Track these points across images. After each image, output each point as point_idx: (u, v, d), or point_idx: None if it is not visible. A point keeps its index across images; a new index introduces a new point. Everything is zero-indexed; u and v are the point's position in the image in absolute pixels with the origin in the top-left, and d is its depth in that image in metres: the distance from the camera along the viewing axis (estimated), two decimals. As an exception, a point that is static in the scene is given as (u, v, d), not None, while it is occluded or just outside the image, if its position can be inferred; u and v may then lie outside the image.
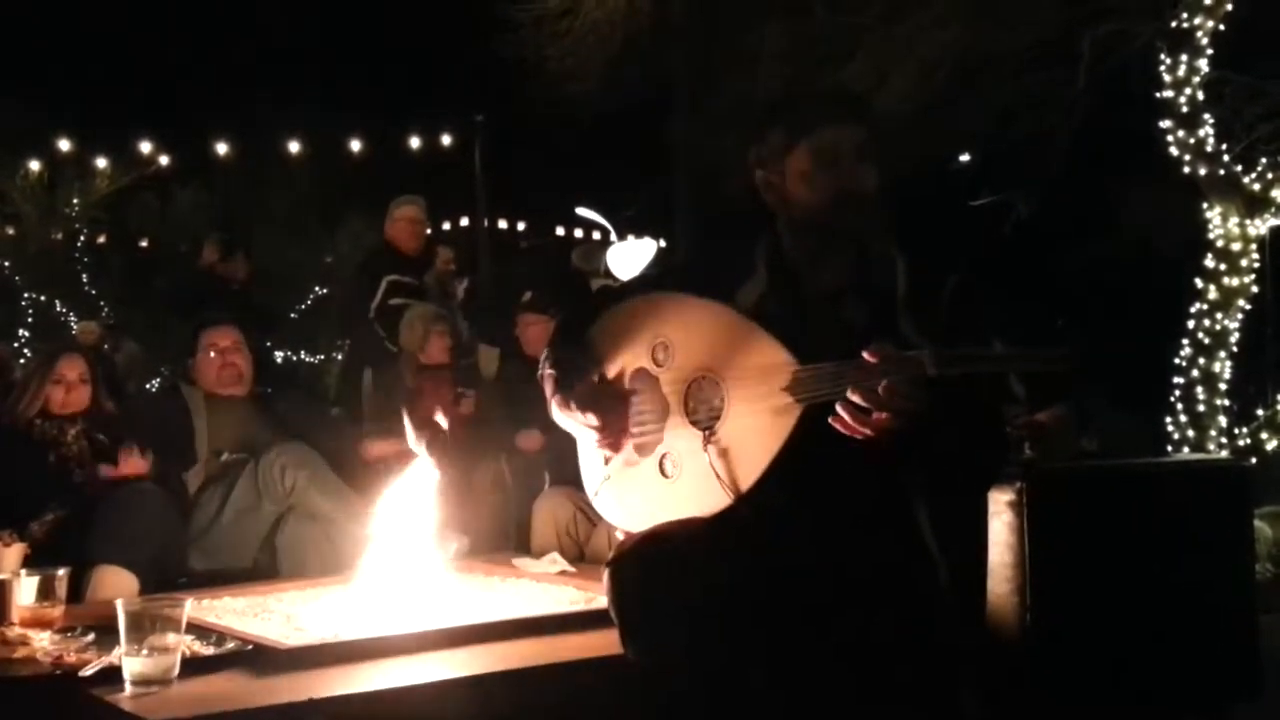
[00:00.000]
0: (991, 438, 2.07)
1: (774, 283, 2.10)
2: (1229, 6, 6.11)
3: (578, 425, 2.14)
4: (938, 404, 1.80)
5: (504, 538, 4.64)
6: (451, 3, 10.07)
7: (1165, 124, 6.29)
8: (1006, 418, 2.13)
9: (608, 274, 7.14)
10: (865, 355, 1.79)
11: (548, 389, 2.18)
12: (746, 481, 1.96)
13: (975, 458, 2.02)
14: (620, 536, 2.17)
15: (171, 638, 2.00)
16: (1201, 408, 6.15)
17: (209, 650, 2.18)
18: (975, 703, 1.98)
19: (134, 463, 3.58)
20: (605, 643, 2.10)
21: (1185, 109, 6.22)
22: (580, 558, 3.50)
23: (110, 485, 3.53)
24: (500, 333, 6.11)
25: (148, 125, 12.24)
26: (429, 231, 6.41)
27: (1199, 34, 6.14)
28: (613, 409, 2.12)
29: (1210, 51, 6.18)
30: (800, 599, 1.92)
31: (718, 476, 1.99)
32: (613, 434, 2.13)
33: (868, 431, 1.82)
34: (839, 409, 1.82)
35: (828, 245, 2.10)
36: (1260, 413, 6.35)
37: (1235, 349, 6.22)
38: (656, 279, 2.49)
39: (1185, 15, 6.14)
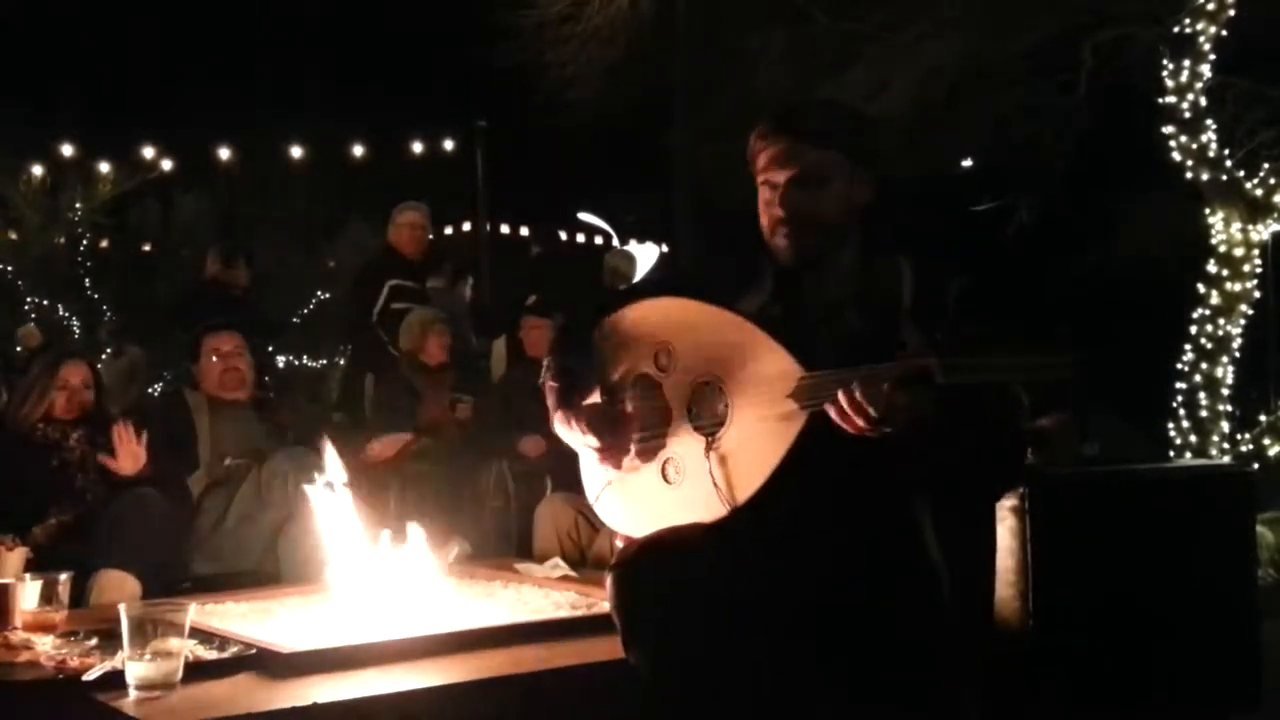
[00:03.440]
0: (1004, 452, 2.06)
1: (778, 291, 2.10)
2: (1231, 12, 6.12)
3: (580, 443, 2.14)
4: (949, 414, 1.79)
5: (506, 542, 4.64)
6: (453, 8, 10.09)
7: (1167, 129, 6.30)
8: (1021, 428, 2.10)
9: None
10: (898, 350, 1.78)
11: (550, 400, 2.18)
12: (749, 487, 1.96)
13: (986, 472, 2.02)
14: (621, 543, 2.18)
15: (174, 642, 2.00)
16: (1204, 413, 6.15)
17: (212, 655, 2.18)
18: (977, 710, 1.98)
19: (130, 446, 3.53)
20: (607, 648, 2.09)
21: (1187, 114, 6.23)
22: (582, 562, 3.50)
23: (112, 489, 3.52)
24: (508, 334, 6.14)
25: (150, 130, 12.26)
26: (431, 237, 6.43)
27: (1201, 39, 6.15)
28: (616, 430, 2.12)
29: (1212, 57, 6.19)
30: (803, 606, 1.92)
31: (715, 485, 1.99)
32: (614, 454, 2.14)
33: (861, 424, 1.81)
34: (840, 397, 1.81)
35: (828, 253, 2.09)
36: (1263, 418, 6.35)
37: (1238, 354, 6.22)
38: (659, 284, 2.49)
39: (1187, 21, 6.15)
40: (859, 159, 2.07)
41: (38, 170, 11.90)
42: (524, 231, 15.14)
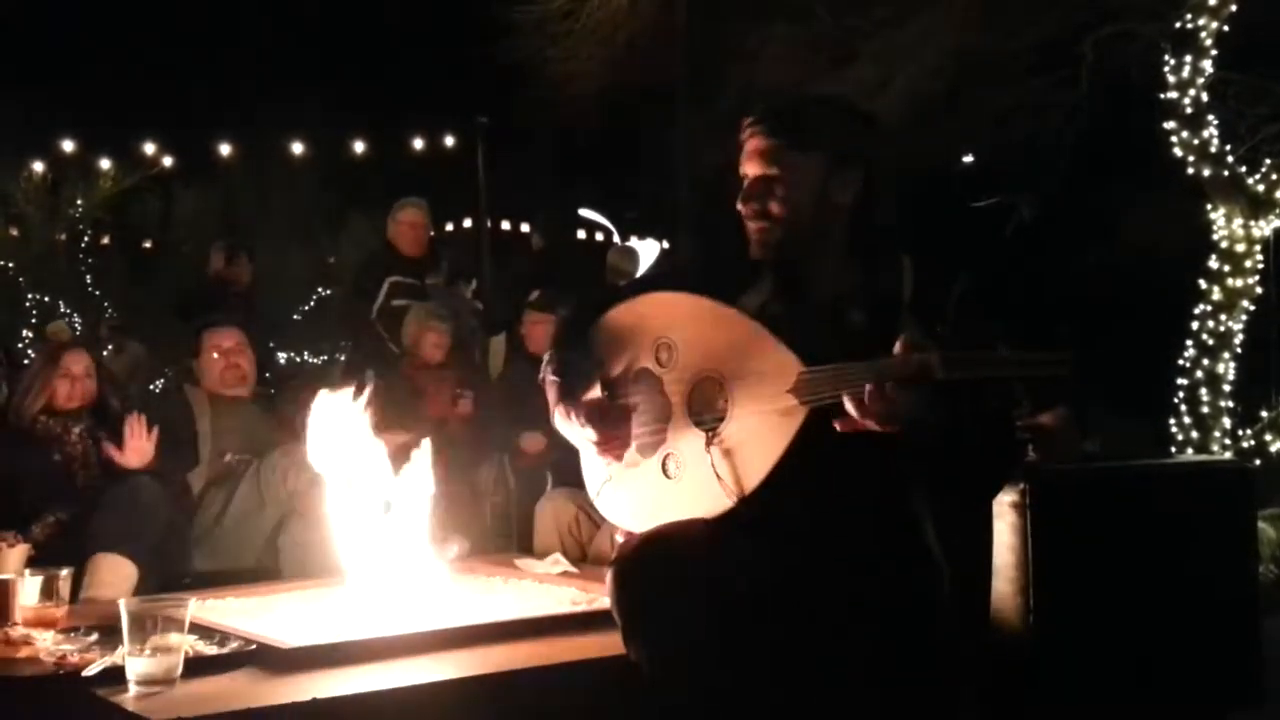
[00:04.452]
0: (1003, 447, 2.06)
1: (778, 288, 2.10)
2: (1233, 7, 6.11)
3: (579, 437, 2.14)
4: (946, 409, 1.79)
5: (506, 538, 4.64)
6: (454, 4, 10.09)
7: (1169, 125, 6.29)
8: (1015, 424, 2.11)
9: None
10: (898, 345, 1.78)
11: (550, 395, 2.18)
12: (750, 483, 1.96)
13: (987, 467, 2.01)
14: (621, 538, 2.17)
15: (174, 638, 2.00)
16: (1205, 409, 6.15)
17: (212, 650, 2.18)
18: (975, 707, 1.98)
19: (139, 442, 3.54)
20: (608, 643, 2.09)
21: (1189, 110, 6.22)
22: (583, 558, 3.50)
23: (111, 478, 3.52)
24: (508, 331, 6.13)
25: (151, 126, 12.25)
26: (432, 234, 6.42)
27: (1202, 35, 6.14)
28: (616, 424, 2.12)
29: (1214, 52, 6.18)
30: (803, 601, 1.92)
31: (719, 478, 1.98)
32: (613, 449, 2.14)
33: (869, 424, 1.80)
34: (846, 401, 1.81)
35: (800, 251, 2.09)
36: (1264, 414, 6.34)
37: (1239, 350, 6.22)
38: (660, 280, 2.48)
39: (1189, 16, 6.14)
40: (841, 161, 2.05)
41: (38, 166, 11.91)
42: (524, 228, 15.14)
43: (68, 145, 11.79)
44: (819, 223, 2.06)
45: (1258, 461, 5.80)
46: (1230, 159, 6.25)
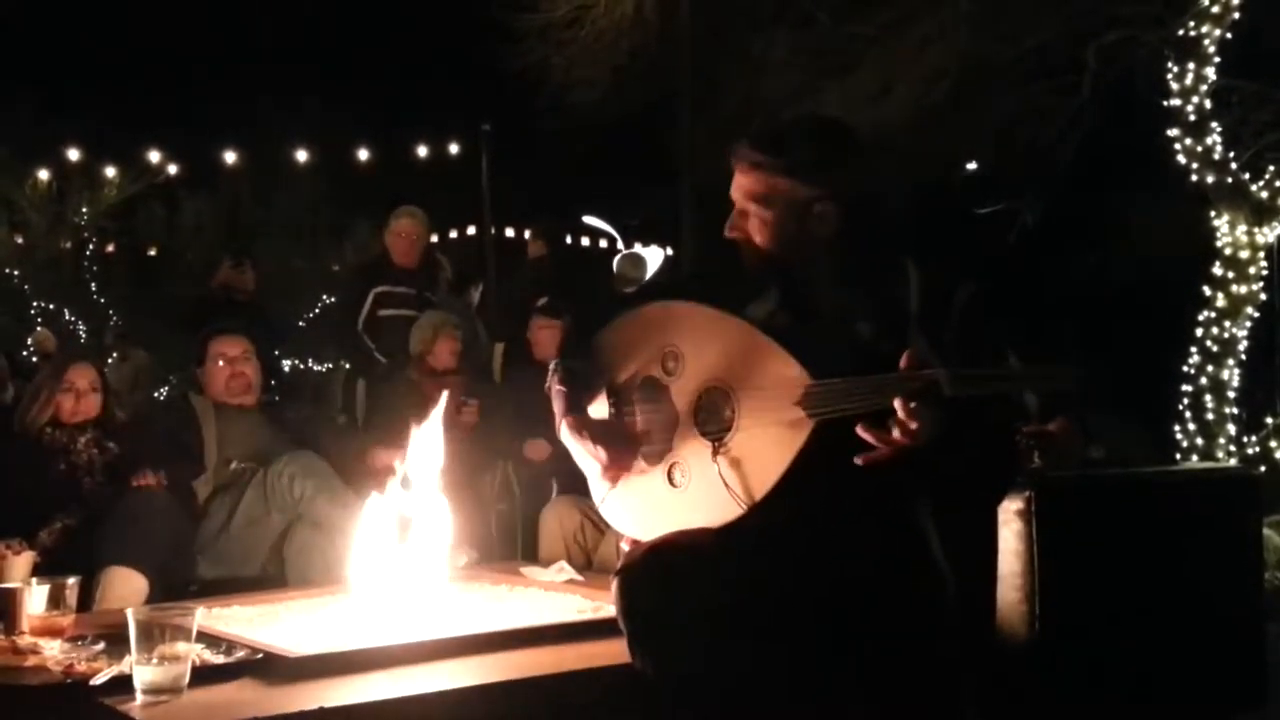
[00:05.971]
0: (1002, 455, 2.06)
1: (787, 298, 2.11)
2: (1235, 15, 6.12)
3: (586, 455, 2.15)
4: (951, 422, 1.79)
5: (511, 546, 4.64)
6: (458, 12, 10.11)
7: (1172, 132, 6.30)
8: (1015, 432, 2.12)
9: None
10: (904, 359, 1.79)
11: (557, 406, 2.18)
12: (756, 493, 1.96)
13: (986, 475, 2.02)
14: (626, 546, 2.18)
15: (182, 646, 2.00)
16: (1210, 416, 6.16)
17: (219, 659, 2.18)
18: (979, 715, 1.98)
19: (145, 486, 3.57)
20: (613, 652, 2.10)
21: (1192, 117, 6.23)
22: (588, 566, 3.50)
23: (118, 487, 3.53)
24: (510, 338, 6.12)
25: (156, 134, 12.29)
26: (434, 240, 6.38)
27: (1206, 42, 6.16)
28: (622, 449, 2.14)
29: (1217, 59, 6.20)
30: (808, 611, 1.92)
31: (728, 487, 1.99)
32: (616, 471, 2.15)
33: (888, 449, 1.81)
34: (862, 432, 1.82)
35: (784, 273, 2.10)
36: (1269, 421, 6.34)
37: (1244, 357, 6.22)
38: (667, 288, 2.49)
39: (1192, 23, 6.16)
40: (825, 185, 2.05)
41: (44, 174, 11.94)
42: (528, 235, 15.14)
43: (73, 153, 11.83)
44: (809, 243, 2.07)
45: (1263, 468, 5.80)
46: (1233, 166, 6.26)
